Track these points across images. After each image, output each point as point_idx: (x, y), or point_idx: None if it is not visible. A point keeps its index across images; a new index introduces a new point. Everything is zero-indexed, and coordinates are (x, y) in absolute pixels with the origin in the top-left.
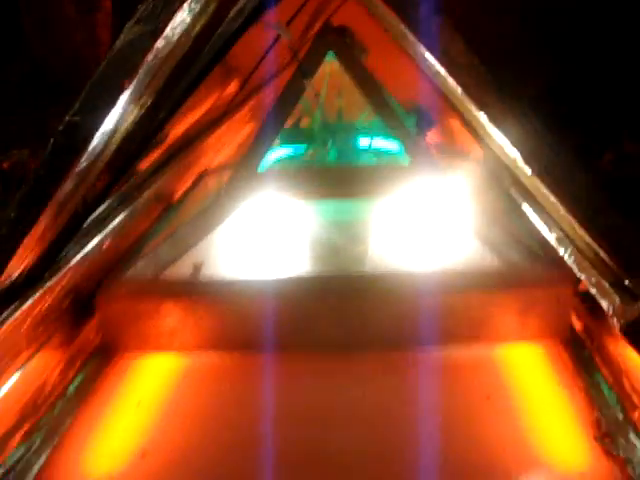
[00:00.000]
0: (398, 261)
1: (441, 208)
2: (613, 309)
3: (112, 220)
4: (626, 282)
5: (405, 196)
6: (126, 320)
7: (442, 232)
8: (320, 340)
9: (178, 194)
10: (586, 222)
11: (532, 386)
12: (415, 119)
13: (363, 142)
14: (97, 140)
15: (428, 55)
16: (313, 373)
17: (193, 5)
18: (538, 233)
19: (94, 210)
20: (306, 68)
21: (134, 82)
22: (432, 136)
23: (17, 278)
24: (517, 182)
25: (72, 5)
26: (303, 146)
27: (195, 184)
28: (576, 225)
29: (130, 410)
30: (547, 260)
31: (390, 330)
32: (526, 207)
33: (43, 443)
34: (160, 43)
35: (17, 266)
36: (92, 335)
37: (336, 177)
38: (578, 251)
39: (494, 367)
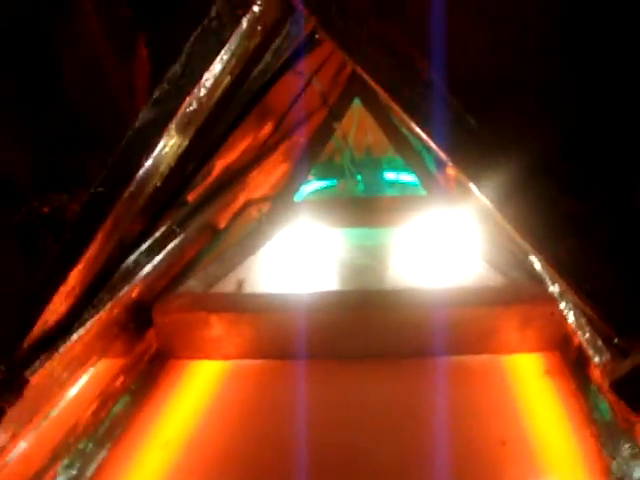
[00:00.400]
0: (414, 279)
1: (453, 234)
2: (604, 365)
3: (169, 243)
4: (615, 340)
5: (422, 224)
6: (178, 330)
7: (453, 254)
8: (345, 348)
9: (224, 222)
10: (574, 286)
11: (531, 393)
12: (434, 155)
13: (390, 176)
14: (134, 185)
15: None
16: (339, 378)
17: (225, 57)
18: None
19: (131, 252)
20: (335, 112)
21: (167, 133)
22: (450, 170)
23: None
24: None
25: (111, 55)
26: (334, 180)
27: (239, 213)
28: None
29: (180, 412)
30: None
31: (406, 340)
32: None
33: (105, 439)
34: (198, 91)
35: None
36: (151, 343)
37: (362, 207)
38: (575, 306)
39: (499, 375)
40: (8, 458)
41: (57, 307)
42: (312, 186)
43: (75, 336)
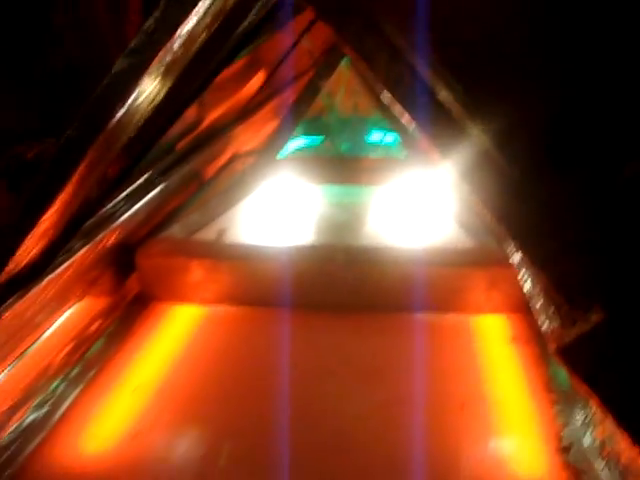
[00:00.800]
0: (390, 237)
1: (429, 195)
2: (552, 332)
3: (151, 191)
4: (566, 308)
5: (401, 185)
6: (159, 274)
7: (428, 215)
8: (318, 300)
9: (210, 173)
10: (526, 250)
11: (495, 355)
12: None
13: (375, 137)
14: (109, 131)
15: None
16: (310, 328)
17: (201, 11)
18: None
19: (109, 198)
20: (322, 71)
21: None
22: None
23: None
24: None
25: (105, 9)
26: (321, 137)
27: (225, 166)
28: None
29: (155, 355)
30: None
31: (378, 295)
32: None
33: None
34: (175, 43)
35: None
36: (133, 286)
37: (344, 166)
38: (531, 274)
39: (466, 335)
40: None
41: (30, 249)
42: (298, 142)
43: (49, 278)
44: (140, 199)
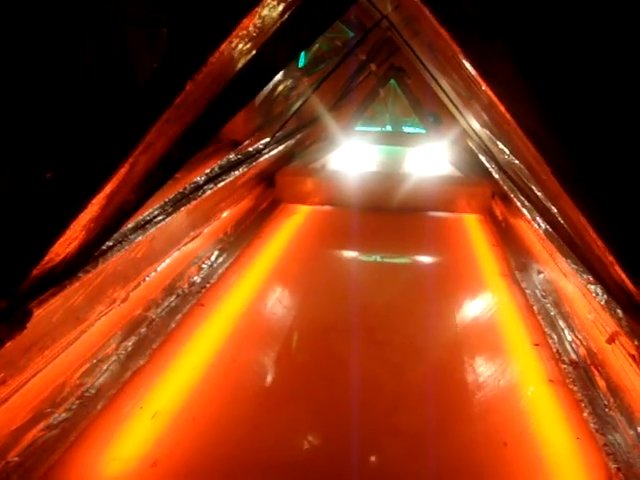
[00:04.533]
0: (415, 170)
1: (437, 152)
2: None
3: (288, 140)
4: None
5: (422, 147)
6: (288, 187)
7: (436, 161)
8: (377, 203)
9: (316, 135)
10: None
11: (471, 234)
12: (433, 117)
13: (408, 129)
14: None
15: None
16: (372, 219)
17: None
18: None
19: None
20: (381, 83)
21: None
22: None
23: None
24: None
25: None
26: (375, 128)
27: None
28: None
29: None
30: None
31: (409, 201)
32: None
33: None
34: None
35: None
36: (272, 193)
37: (388, 135)
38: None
39: (458, 223)
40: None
41: (73, 237)
42: (364, 126)
43: (98, 267)
44: (278, 146)
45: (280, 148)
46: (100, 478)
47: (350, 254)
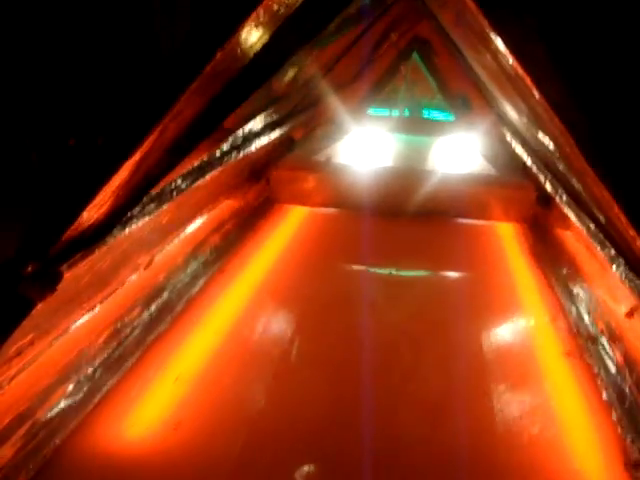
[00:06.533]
0: (441, 167)
1: (467, 143)
2: None
3: (280, 126)
4: None
5: (450, 137)
6: (283, 183)
7: (465, 154)
8: (393, 205)
9: (321, 120)
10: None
11: (511, 253)
12: (461, 99)
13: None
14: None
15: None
16: (384, 226)
17: None
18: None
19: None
20: (403, 57)
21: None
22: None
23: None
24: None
25: None
26: (390, 111)
27: (330, 116)
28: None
29: (277, 235)
30: (521, 174)
31: (430, 204)
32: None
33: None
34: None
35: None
36: (263, 191)
37: (409, 123)
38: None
39: (490, 235)
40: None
41: (103, 202)
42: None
43: (125, 232)
44: (272, 131)
45: (275, 133)
46: (124, 440)
47: (359, 267)
